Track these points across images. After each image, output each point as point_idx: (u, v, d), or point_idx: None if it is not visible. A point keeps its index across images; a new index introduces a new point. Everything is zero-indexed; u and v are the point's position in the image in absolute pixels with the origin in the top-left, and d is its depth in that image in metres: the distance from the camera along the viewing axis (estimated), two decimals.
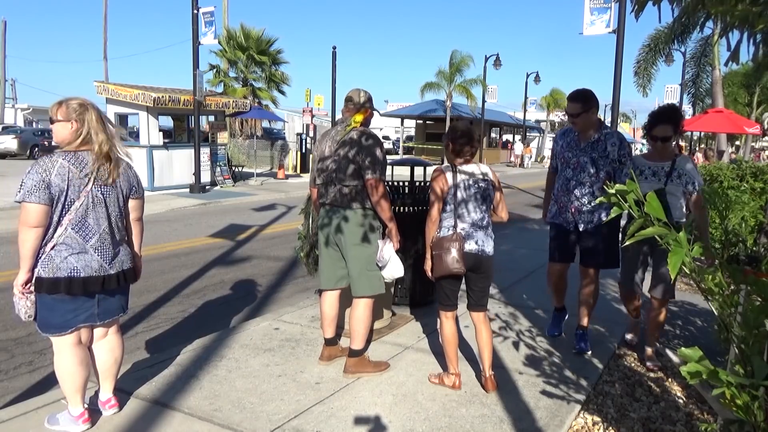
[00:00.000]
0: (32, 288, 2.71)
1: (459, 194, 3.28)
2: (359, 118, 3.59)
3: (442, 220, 3.32)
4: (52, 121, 2.78)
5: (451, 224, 3.29)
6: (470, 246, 3.27)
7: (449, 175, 3.30)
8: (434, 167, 3.57)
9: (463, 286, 3.46)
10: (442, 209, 3.31)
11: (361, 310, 3.58)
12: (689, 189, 3.73)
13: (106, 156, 2.80)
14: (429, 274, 3.39)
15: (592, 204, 3.88)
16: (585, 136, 3.95)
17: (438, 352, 4.03)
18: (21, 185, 2.61)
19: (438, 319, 3.47)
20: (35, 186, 2.59)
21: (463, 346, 4.03)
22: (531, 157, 37.22)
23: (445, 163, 3.42)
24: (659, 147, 3.80)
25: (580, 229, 3.97)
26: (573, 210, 3.97)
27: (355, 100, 3.62)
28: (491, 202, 3.38)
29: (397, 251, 3.66)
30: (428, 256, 3.38)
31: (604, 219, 3.85)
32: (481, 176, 3.34)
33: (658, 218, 1.77)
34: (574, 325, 4.64)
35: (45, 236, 2.68)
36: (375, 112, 3.77)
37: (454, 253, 3.21)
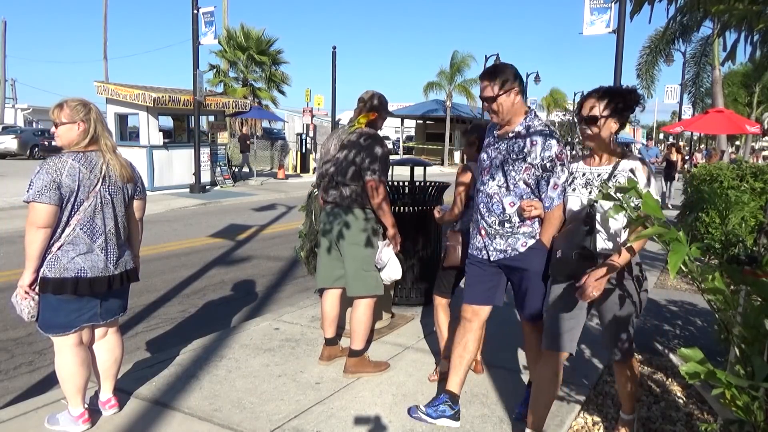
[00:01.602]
0: (36, 288, 2.71)
1: None
2: (364, 119, 3.60)
3: (464, 215, 3.40)
4: (55, 125, 2.76)
5: (468, 219, 3.34)
6: None
7: (477, 174, 3.37)
8: (460, 166, 3.63)
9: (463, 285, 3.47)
10: (466, 205, 3.38)
11: (361, 310, 3.59)
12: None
13: (113, 153, 2.81)
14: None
15: (505, 226, 2.80)
16: (504, 130, 2.89)
17: (438, 352, 4.03)
18: (30, 185, 2.61)
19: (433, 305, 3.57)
20: (45, 186, 2.59)
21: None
22: None
23: (472, 163, 3.45)
24: (588, 137, 2.62)
25: (491, 260, 2.87)
26: (482, 233, 2.90)
27: (369, 102, 3.64)
28: None
29: (397, 253, 3.67)
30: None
31: (520, 250, 2.78)
32: None
33: (657, 217, 1.77)
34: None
35: (52, 236, 2.68)
36: (387, 116, 3.79)
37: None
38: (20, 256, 2.71)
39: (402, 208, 4.75)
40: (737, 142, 33.62)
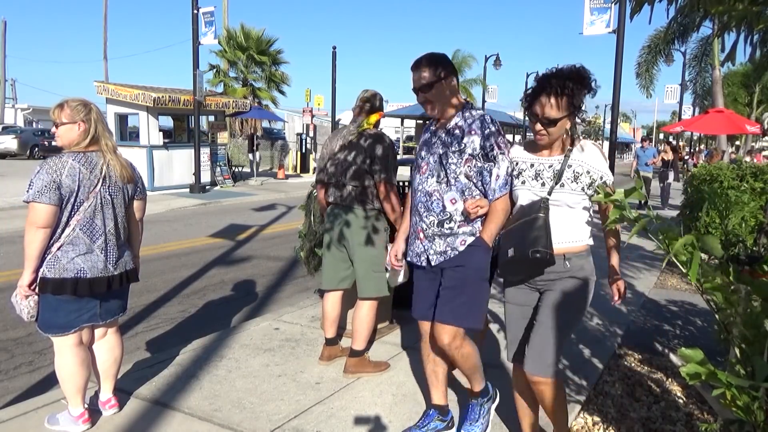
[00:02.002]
0: (36, 288, 2.71)
1: None
2: (373, 119, 3.60)
3: None
4: (56, 125, 2.76)
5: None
6: None
7: None
8: None
9: None
10: None
11: (365, 311, 3.58)
12: (591, 191, 2.36)
13: (113, 153, 2.81)
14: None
15: (445, 226, 2.61)
16: (441, 123, 2.73)
17: None
18: (30, 185, 2.60)
19: None
20: (45, 186, 2.58)
21: None
22: None
23: None
24: (541, 131, 2.34)
25: (432, 264, 2.66)
26: (421, 237, 2.69)
27: (372, 102, 3.63)
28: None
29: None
30: None
31: (460, 249, 2.59)
32: None
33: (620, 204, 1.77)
34: (577, 327, 4.63)
35: (52, 237, 2.68)
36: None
37: None
38: (20, 256, 2.70)
39: (402, 208, 4.74)
40: (737, 142, 33.62)
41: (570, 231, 2.40)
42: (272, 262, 7.43)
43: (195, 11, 14.53)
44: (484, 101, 31.00)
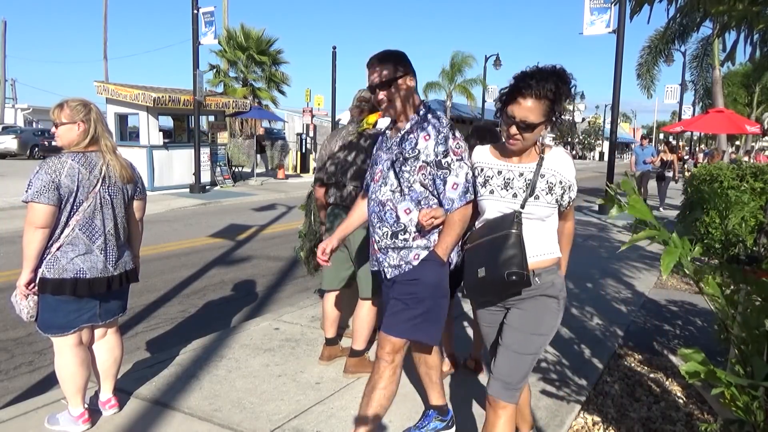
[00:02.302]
0: (35, 288, 2.71)
1: None
2: (372, 119, 3.59)
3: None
4: (56, 125, 2.76)
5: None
6: None
7: None
8: None
9: None
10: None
11: (365, 311, 3.58)
12: (564, 203, 2.23)
13: (113, 154, 2.81)
14: None
15: (399, 238, 2.45)
16: (396, 126, 2.57)
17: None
18: (29, 185, 2.60)
19: None
20: (44, 187, 2.58)
21: (460, 347, 4.02)
22: None
23: None
24: (515, 136, 2.12)
25: (388, 277, 2.52)
26: (375, 248, 2.56)
27: (369, 101, 3.62)
28: None
29: None
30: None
31: (413, 263, 2.44)
32: None
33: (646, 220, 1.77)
34: (576, 326, 4.64)
35: (51, 237, 2.67)
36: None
37: None
38: (20, 256, 2.70)
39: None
40: (737, 142, 33.62)
41: (540, 243, 2.20)
42: (272, 262, 7.43)
43: (195, 11, 14.53)
44: (484, 101, 30.99)
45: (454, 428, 2.92)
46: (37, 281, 2.70)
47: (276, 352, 3.98)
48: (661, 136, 49.40)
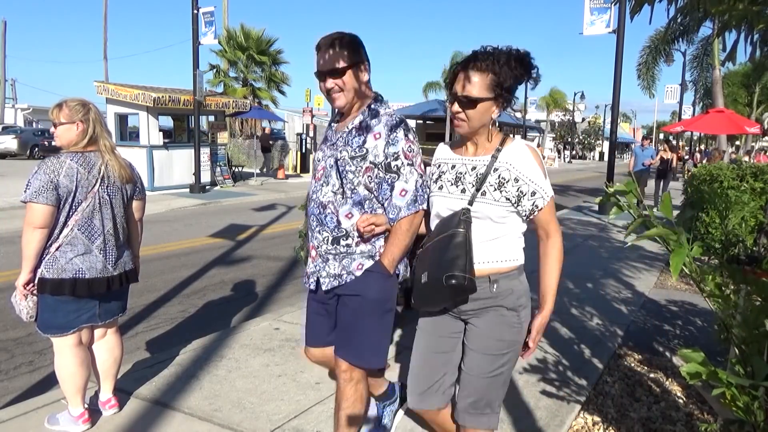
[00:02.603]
0: (34, 289, 2.71)
1: None
2: None
3: None
4: (54, 125, 2.76)
5: None
6: None
7: None
8: None
9: None
10: None
11: None
12: (526, 207, 1.94)
13: (112, 153, 2.81)
14: None
15: (341, 244, 2.23)
16: (344, 120, 2.30)
17: None
18: (27, 185, 2.60)
19: None
20: (43, 187, 2.58)
21: None
22: (543, 157, 38.34)
23: None
24: (458, 114, 1.93)
25: (324, 288, 2.27)
26: (313, 254, 2.31)
27: None
28: None
29: None
30: None
31: (356, 274, 2.21)
32: None
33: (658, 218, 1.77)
34: (576, 326, 4.64)
35: (50, 237, 2.67)
36: None
37: None
38: (20, 255, 2.71)
39: None
40: (737, 142, 33.64)
41: (497, 249, 1.96)
42: (272, 262, 7.43)
43: (195, 11, 14.53)
44: None
45: (398, 400, 2.81)
46: (36, 281, 2.70)
47: (276, 352, 3.98)
48: (661, 136, 49.44)
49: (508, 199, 1.91)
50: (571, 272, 6.44)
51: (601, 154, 55.51)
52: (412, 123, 39.54)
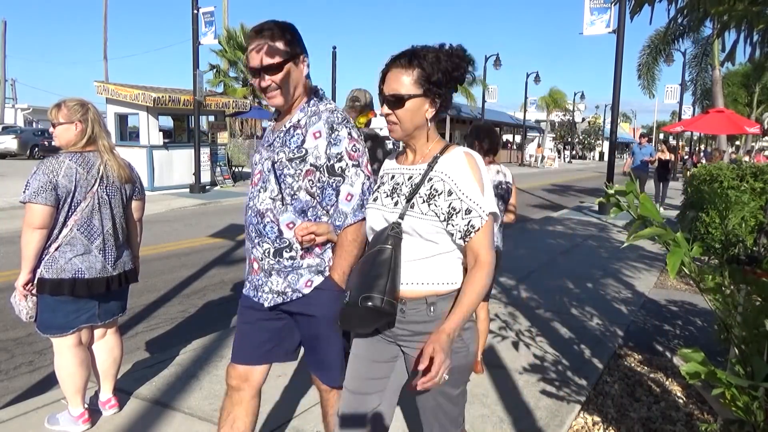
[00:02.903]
0: (33, 289, 2.72)
1: None
2: (363, 119, 3.60)
3: None
4: (53, 125, 2.76)
5: None
6: None
7: None
8: None
9: None
10: None
11: None
12: (459, 227, 1.68)
13: (110, 153, 2.81)
14: None
15: (284, 256, 2.01)
16: (282, 120, 2.08)
17: None
18: (26, 186, 2.61)
19: None
20: (42, 187, 2.58)
21: None
22: (544, 157, 38.59)
23: None
24: (389, 116, 1.77)
25: (266, 305, 2.07)
26: (255, 268, 2.10)
27: (361, 100, 3.63)
28: (506, 203, 3.53)
29: None
30: None
31: (304, 291, 2.01)
32: (503, 176, 3.50)
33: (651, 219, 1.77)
34: (576, 326, 4.65)
35: (49, 237, 2.68)
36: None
37: None
38: (20, 256, 2.71)
39: None
40: (737, 142, 33.64)
41: (435, 268, 1.73)
42: None
43: (195, 11, 14.53)
44: (484, 101, 31.00)
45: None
46: (35, 282, 2.70)
47: None
48: (661, 136, 49.50)
49: (437, 215, 1.68)
50: (571, 272, 6.45)
51: (601, 154, 55.52)
52: None
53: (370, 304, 1.64)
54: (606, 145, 44.79)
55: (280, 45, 1.94)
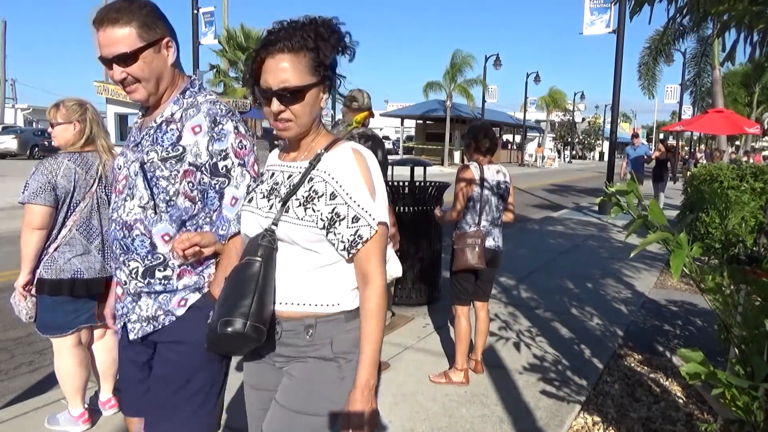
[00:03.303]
0: (33, 289, 2.72)
1: (484, 192, 3.39)
2: (360, 118, 3.62)
3: (465, 215, 3.42)
4: (52, 125, 2.77)
5: (475, 221, 3.40)
6: (489, 243, 3.41)
7: (477, 173, 3.40)
8: (460, 165, 3.67)
9: None
10: (465, 206, 3.40)
11: None
12: (344, 237, 1.44)
13: (109, 153, 2.81)
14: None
15: (157, 276, 1.68)
16: (151, 114, 1.77)
17: (438, 352, 4.03)
18: (25, 186, 2.61)
19: (454, 315, 3.54)
20: (41, 188, 2.59)
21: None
22: (544, 157, 38.69)
23: (473, 162, 3.47)
24: (281, 115, 1.46)
25: (131, 337, 1.72)
26: (119, 292, 1.76)
27: (359, 100, 3.65)
28: (506, 202, 3.53)
29: (397, 252, 3.68)
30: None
31: (177, 313, 1.69)
32: (502, 176, 3.50)
33: (659, 223, 1.77)
34: (576, 326, 4.65)
35: (48, 238, 2.68)
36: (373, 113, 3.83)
37: (477, 249, 3.33)
38: (20, 256, 2.71)
39: (402, 208, 4.75)
40: (737, 142, 33.66)
41: (316, 286, 1.48)
42: None
43: (195, 11, 14.55)
44: (484, 101, 31.01)
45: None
46: (35, 282, 2.70)
47: None
48: (661, 135, 49.50)
49: (316, 221, 1.43)
50: (571, 272, 6.45)
51: (601, 154, 55.56)
52: (411, 123, 39.55)
53: (229, 330, 1.39)
54: (606, 145, 44.82)
55: (133, 29, 1.60)
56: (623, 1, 11.43)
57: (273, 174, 1.57)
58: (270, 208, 1.50)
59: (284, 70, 1.41)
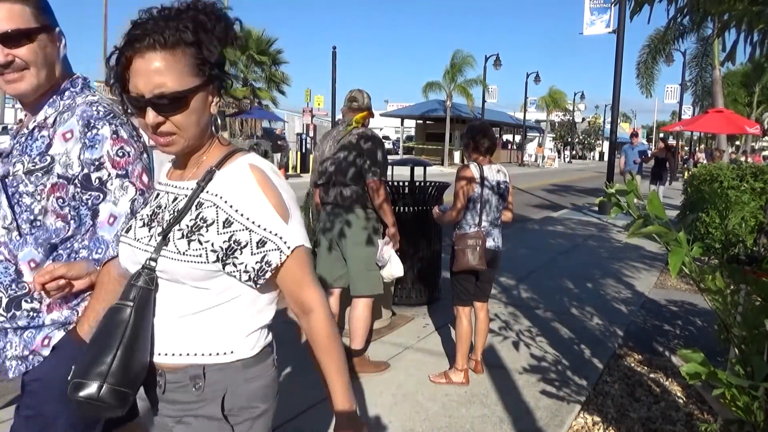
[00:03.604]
0: None
1: (484, 192, 3.39)
2: (360, 118, 3.62)
3: (465, 216, 3.42)
4: None
5: (475, 221, 3.39)
6: (489, 243, 3.41)
7: (476, 173, 3.39)
8: (460, 165, 3.67)
9: None
10: (465, 206, 3.40)
11: (360, 309, 3.59)
12: (248, 266, 1.18)
13: None
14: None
15: (23, 308, 1.47)
16: (27, 119, 1.54)
17: (438, 352, 4.03)
18: None
19: (455, 315, 3.54)
20: None
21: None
22: (544, 157, 38.77)
23: (473, 162, 3.47)
24: (162, 128, 1.17)
25: (11, 376, 1.63)
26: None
27: (359, 101, 3.65)
28: (505, 202, 3.53)
29: (397, 251, 3.68)
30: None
31: (44, 353, 1.52)
32: (502, 176, 3.50)
33: (658, 217, 1.77)
34: (576, 326, 4.65)
35: None
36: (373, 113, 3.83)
37: (478, 250, 3.33)
38: None
39: (402, 208, 4.75)
40: (737, 142, 33.68)
41: (205, 330, 1.23)
42: None
43: None
44: (484, 101, 31.02)
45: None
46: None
47: (276, 351, 3.97)
48: (661, 135, 49.52)
49: (203, 256, 1.17)
50: (571, 272, 6.45)
51: (601, 154, 55.56)
52: (411, 123, 39.54)
53: (81, 394, 1.13)
54: (606, 145, 44.84)
55: (28, 8, 1.38)
56: (623, 1, 11.44)
57: (158, 195, 1.32)
58: (150, 239, 1.22)
59: (158, 71, 1.12)
